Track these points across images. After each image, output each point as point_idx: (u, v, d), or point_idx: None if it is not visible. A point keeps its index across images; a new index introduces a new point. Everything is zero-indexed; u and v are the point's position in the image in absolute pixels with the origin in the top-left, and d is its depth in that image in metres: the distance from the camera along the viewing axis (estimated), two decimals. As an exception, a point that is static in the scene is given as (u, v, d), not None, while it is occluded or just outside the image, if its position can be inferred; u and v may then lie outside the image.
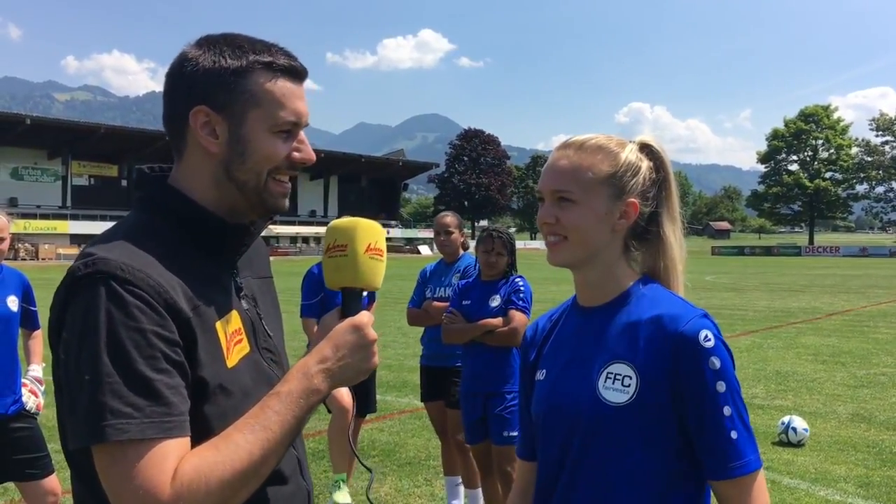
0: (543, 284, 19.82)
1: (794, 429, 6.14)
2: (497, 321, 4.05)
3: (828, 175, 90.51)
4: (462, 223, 5.07)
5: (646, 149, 1.50)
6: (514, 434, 3.99)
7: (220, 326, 1.22)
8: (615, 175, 1.44)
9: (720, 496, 1.38)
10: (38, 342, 4.14)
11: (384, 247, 1.34)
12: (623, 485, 1.38)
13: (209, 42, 1.26)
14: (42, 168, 60.85)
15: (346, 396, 4.71)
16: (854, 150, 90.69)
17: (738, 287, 25.08)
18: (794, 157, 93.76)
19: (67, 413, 1.11)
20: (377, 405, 5.59)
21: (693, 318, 1.37)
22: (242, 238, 1.33)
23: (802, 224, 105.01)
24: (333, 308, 1.33)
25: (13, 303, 3.78)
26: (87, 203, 60.58)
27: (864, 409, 7.38)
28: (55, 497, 3.81)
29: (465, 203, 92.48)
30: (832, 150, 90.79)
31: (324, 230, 1.39)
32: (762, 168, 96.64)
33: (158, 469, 1.04)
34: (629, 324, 1.42)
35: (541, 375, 1.55)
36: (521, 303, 4.08)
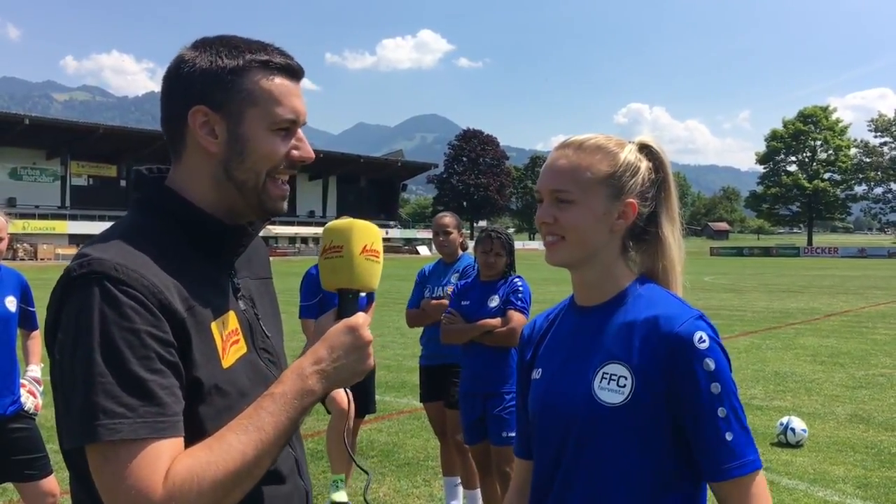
0: (542, 285, 19.82)
1: (793, 429, 6.14)
2: (496, 321, 4.05)
3: (826, 176, 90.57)
4: (461, 223, 5.07)
5: (645, 149, 1.50)
6: (513, 434, 3.97)
7: (216, 327, 1.22)
8: (614, 175, 1.44)
9: (720, 498, 1.37)
10: (37, 343, 4.14)
11: (381, 248, 1.34)
12: (618, 484, 1.38)
13: (205, 43, 1.27)
14: (41, 168, 60.80)
15: (346, 397, 4.71)
16: (853, 151, 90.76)
17: (737, 288, 25.10)
18: (793, 158, 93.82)
19: (62, 413, 1.12)
20: (376, 406, 5.59)
21: (688, 320, 1.37)
22: (240, 239, 1.33)
23: (801, 225, 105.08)
24: (332, 309, 1.33)
25: (11, 303, 3.78)
26: (86, 203, 60.54)
27: (863, 410, 7.39)
28: (54, 498, 3.80)
29: (464, 203, 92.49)
30: (831, 151, 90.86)
31: (322, 231, 1.39)
32: (761, 169, 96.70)
33: (151, 469, 1.05)
34: (625, 324, 1.42)
35: (537, 374, 1.55)
36: (520, 303, 4.08)
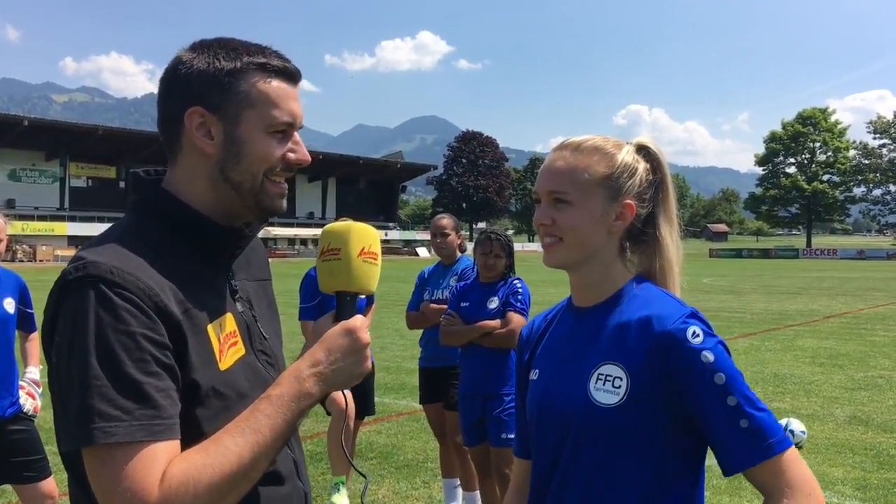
0: (542, 286, 19.82)
1: (792, 431, 6.13)
2: (495, 323, 4.05)
3: (825, 178, 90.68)
4: (459, 225, 5.06)
5: (643, 150, 1.50)
6: (513, 436, 3.98)
7: (213, 329, 1.22)
8: (611, 176, 1.44)
9: (756, 484, 1.33)
10: (35, 344, 4.13)
11: (378, 250, 1.34)
12: (615, 485, 1.37)
13: (203, 45, 1.27)
14: (40, 169, 60.76)
15: (348, 396, 4.70)
16: (851, 153, 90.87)
17: (736, 290, 25.10)
18: (792, 160, 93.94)
19: (59, 415, 1.12)
20: (375, 407, 5.59)
21: (680, 318, 1.36)
22: (237, 241, 1.34)
23: (800, 227, 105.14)
24: (330, 311, 1.33)
25: (10, 305, 3.77)
26: (85, 205, 60.51)
27: (862, 412, 7.39)
28: (52, 499, 3.80)
29: (464, 205, 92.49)
30: (830, 153, 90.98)
31: (320, 233, 1.39)
32: (760, 171, 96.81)
33: (146, 472, 1.05)
34: (620, 324, 1.41)
35: (534, 375, 1.55)
36: (519, 305, 4.08)
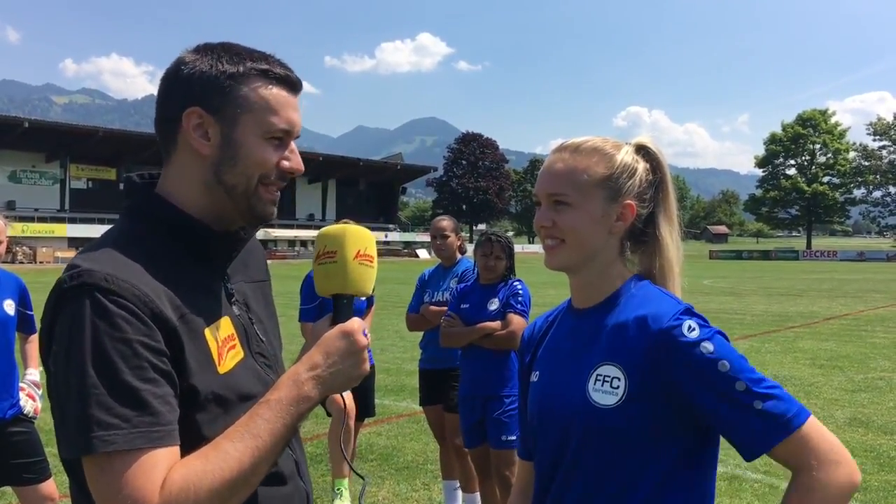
0: (542, 288, 19.83)
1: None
2: (495, 325, 4.05)
3: (825, 179, 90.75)
4: (459, 227, 5.06)
5: (642, 150, 1.50)
6: (513, 438, 3.99)
7: (210, 333, 1.22)
8: (611, 177, 1.44)
9: (781, 461, 1.31)
10: (35, 346, 4.13)
11: (374, 252, 1.35)
12: (618, 486, 1.37)
13: (207, 48, 1.28)
14: (40, 171, 60.77)
15: (347, 399, 4.70)
16: (851, 155, 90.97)
17: (736, 291, 25.10)
18: (792, 162, 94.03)
19: (58, 424, 1.12)
20: (375, 409, 5.59)
21: (674, 315, 1.35)
22: (232, 245, 1.34)
23: (800, 228, 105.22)
24: (328, 315, 1.33)
25: (10, 307, 3.77)
26: (86, 206, 60.49)
27: (862, 414, 7.39)
28: (53, 501, 3.79)
29: (464, 207, 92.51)
30: (830, 155, 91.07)
31: (316, 237, 1.39)
32: (760, 172, 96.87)
33: (146, 479, 1.05)
34: (617, 325, 1.41)
35: (535, 377, 1.55)
36: (520, 306, 4.08)
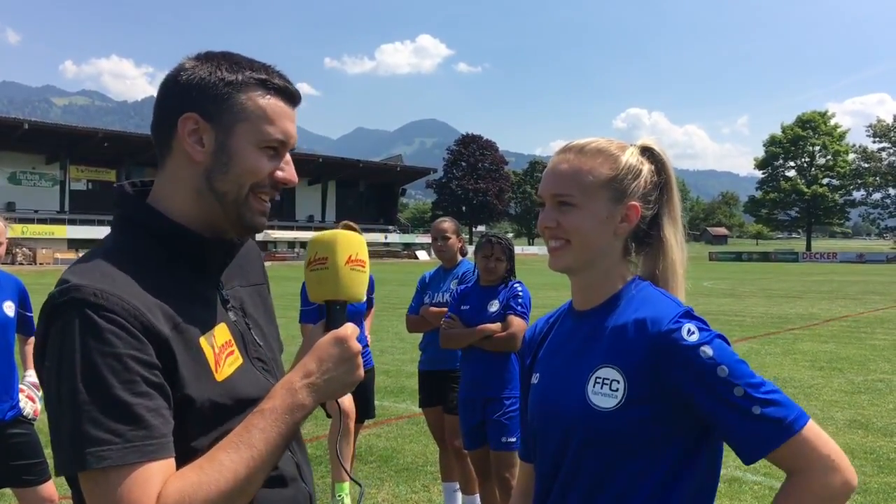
0: (542, 290, 19.81)
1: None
2: (495, 326, 4.05)
3: (825, 181, 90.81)
4: (460, 228, 5.07)
5: (647, 152, 1.50)
6: (513, 440, 3.98)
7: (205, 341, 1.22)
8: (616, 178, 1.44)
9: (778, 464, 1.32)
10: (35, 347, 4.13)
11: (366, 257, 1.35)
12: (618, 488, 1.37)
13: (208, 56, 1.28)
14: (40, 173, 60.76)
15: (346, 400, 4.70)
16: (851, 157, 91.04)
17: (736, 293, 25.09)
18: (792, 164, 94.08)
19: (53, 439, 1.12)
20: (375, 411, 5.58)
21: (673, 318, 1.35)
22: (225, 252, 1.34)
23: (800, 230, 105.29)
24: (321, 321, 1.33)
25: (9, 308, 3.77)
26: (85, 208, 60.47)
27: (862, 416, 7.39)
28: (52, 503, 3.79)
29: (463, 208, 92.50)
30: (829, 157, 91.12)
31: (308, 243, 1.39)
32: (759, 174, 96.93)
33: (141, 492, 1.05)
34: (617, 327, 1.41)
35: (535, 379, 1.55)
36: (520, 308, 4.08)
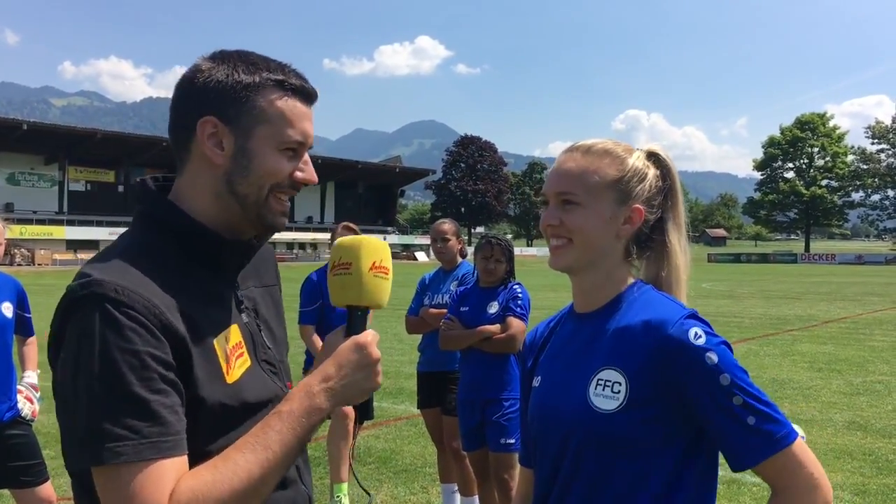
0: (541, 291, 19.82)
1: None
2: (495, 328, 4.05)
3: (824, 183, 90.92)
4: (459, 230, 5.06)
5: (653, 157, 1.51)
6: (512, 441, 3.98)
7: (218, 343, 1.22)
8: (622, 180, 1.44)
9: (763, 477, 1.35)
10: (33, 348, 4.12)
11: (390, 265, 1.34)
12: (617, 491, 1.37)
13: (223, 56, 1.28)
14: (39, 173, 60.74)
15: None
16: (850, 158, 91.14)
17: (735, 294, 25.11)
18: (790, 165, 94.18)
19: (66, 434, 1.12)
20: (374, 412, 5.58)
21: (679, 321, 1.35)
22: (243, 253, 1.34)
23: (798, 231, 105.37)
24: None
25: (7, 309, 3.76)
26: (84, 209, 60.46)
27: (861, 417, 7.39)
28: (50, 504, 3.79)
29: (462, 209, 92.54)
30: (828, 158, 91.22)
31: (320, 236, 1.39)
32: (758, 175, 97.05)
33: (155, 489, 1.05)
34: (619, 329, 1.41)
35: (536, 382, 1.54)
36: (519, 310, 4.08)
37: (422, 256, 67.48)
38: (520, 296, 4.12)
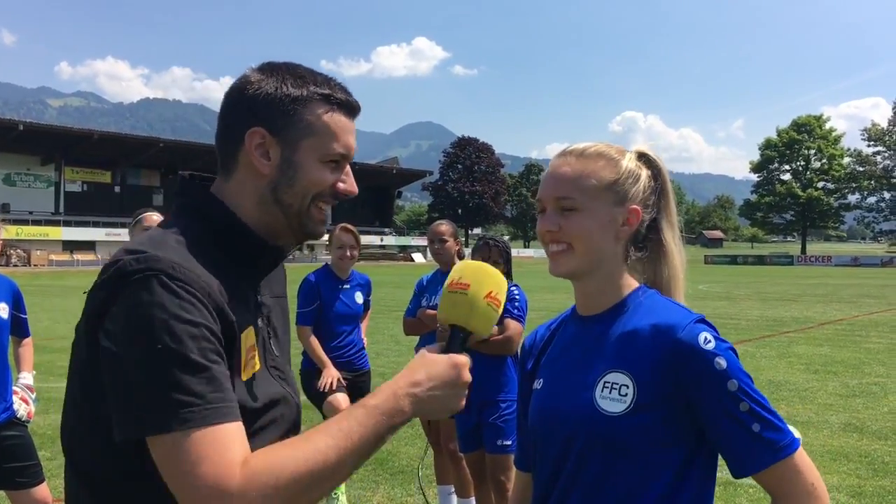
0: (538, 293, 19.84)
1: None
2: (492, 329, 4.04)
3: (820, 185, 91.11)
4: (457, 232, 5.06)
5: (643, 157, 1.51)
6: (508, 443, 3.98)
7: (243, 339, 1.24)
8: (617, 182, 1.45)
9: (763, 484, 1.35)
10: (29, 350, 4.11)
11: (503, 300, 1.38)
12: (619, 493, 1.37)
13: (272, 69, 1.31)
14: (35, 174, 60.64)
15: (344, 402, 4.69)
16: (846, 161, 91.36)
17: (731, 296, 25.14)
18: (787, 167, 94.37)
19: (118, 405, 1.09)
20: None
21: (689, 325, 1.35)
22: (276, 259, 1.37)
23: (795, 233, 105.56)
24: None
25: (3, 310, 3.76)
26: (80, 209, 60.37)
27: (857, 419, 7.40)
28: (45, 506, 3.78)
29: (459, 211, 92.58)
30: (824, 160, 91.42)
31: (455, 266, 1.44)
32: (755, 177, 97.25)
33: (225, 453, 1.05)
34: (626, 333, 1.41)
35: (538, 384, 1.54)
36: (516, 311, 4.08)
37: (419, 258, 67.49)
38: (517, 297, 4.12)
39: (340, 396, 4.72)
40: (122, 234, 44.16)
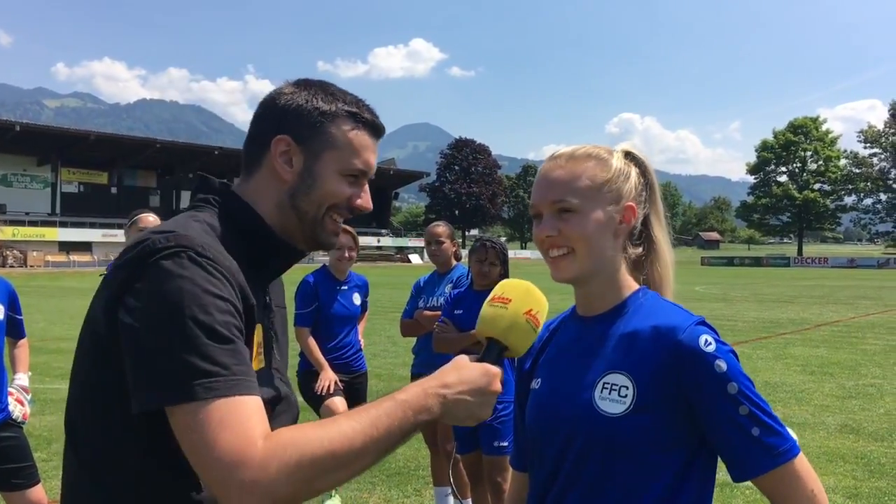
0: (534, 294, 19.78)
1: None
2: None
3: (816, 186, 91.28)
4: (454, 233, 5.06)
5: (629, 156, 1.52)
6: (505, 444, 3.98)
7: (255, 332, 1.26)
8: (610, 181, 1.45)
9: (762, 489, 1.35)
10: (24, 350, 4.10)
11: (543, 319, 1.39)
12: (618, 495, 1.36)
13: (306, 84, 1.38)
14: (31, 175, 60.55)
15: (341, 406, 4.68)
16: (842, 162, 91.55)
17: (728, 298, 25.16)
18: (783, 169, 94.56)
19: (139, 375, 1.10)
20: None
21: (690, 327, 1.35)
22: (292, 259, 1.40)
23: (791, 235, 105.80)
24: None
25: (-1, 311, 3.74)
26: (77, 210, 60.27)
27: (853, 420, 7.41)
28: (41, 507, 3.76)
29: (456, 212, 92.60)
30: (821, 162, 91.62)
31: (499, 283, 1.46)
32: (751, 179, 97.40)
33: (247, 423, 1.06)
34: (627, 334, 1.41)
35: (536, 384, 1.53)
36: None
37: (416, 259, 67.48)
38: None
39: (338, 400, 4.72)
40: (119, 235, 44.08)
